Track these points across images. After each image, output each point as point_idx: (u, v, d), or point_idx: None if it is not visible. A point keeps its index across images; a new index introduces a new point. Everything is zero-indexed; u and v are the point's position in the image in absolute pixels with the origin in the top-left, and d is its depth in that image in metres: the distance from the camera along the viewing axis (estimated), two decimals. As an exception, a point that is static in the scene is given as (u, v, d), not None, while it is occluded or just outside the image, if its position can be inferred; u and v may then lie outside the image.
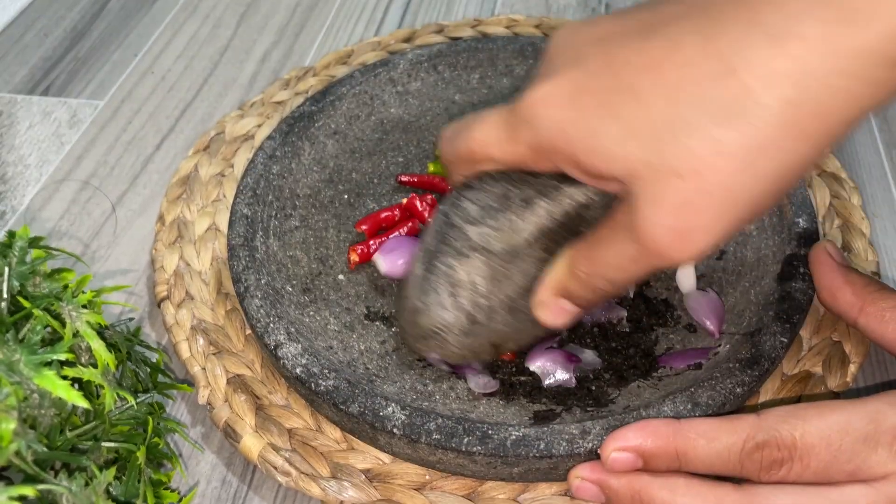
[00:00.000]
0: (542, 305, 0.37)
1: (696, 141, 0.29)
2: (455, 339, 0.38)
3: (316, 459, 0.38)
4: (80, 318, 0.34)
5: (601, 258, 0.33)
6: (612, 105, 0.31)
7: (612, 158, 0.31)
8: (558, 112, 0.32)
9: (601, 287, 0.34)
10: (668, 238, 0.30)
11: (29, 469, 0.30)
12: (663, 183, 0.30)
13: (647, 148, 0.30)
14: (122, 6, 0.71)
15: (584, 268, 0.34)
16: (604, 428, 0.35)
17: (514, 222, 0.36)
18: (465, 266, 0.36)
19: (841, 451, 0.32)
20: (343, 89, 0.53)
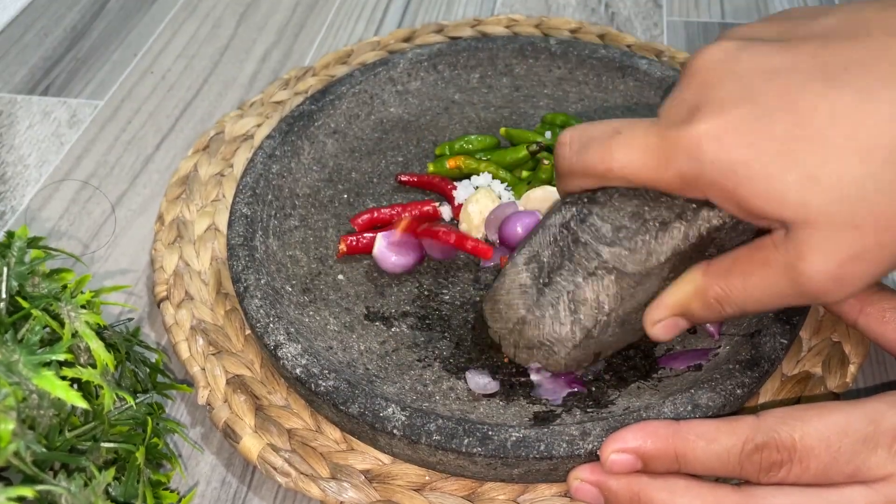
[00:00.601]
0: (659, 324, 0.36)
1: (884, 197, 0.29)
2: (565, 352, 0.37)
3: (315, 460, 0.38)
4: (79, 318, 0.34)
5: (742, 288, 0.33)
6: (795, 152, 0.30)
7: (786, 203, 0.30)
8: (731, 152, 0.31)
9: (729, 313, 0.34)
10: (829, 285, 0.31)
11: (28, 469, 0.29)
12: (839, 234, 0.30)
13: (830, 199, 0.30)
14: (122, 6, 0.71)
15: (717, 293, 0.34)
16: (604, 429, 0.35)
17: (649, 245, 0.35)
18: (594, 286, 0.36)
19: (840, 452, 0.32)
20: (343, 89, 0.53)
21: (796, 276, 0.31)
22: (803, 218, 0.30)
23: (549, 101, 0.56)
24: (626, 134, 0.34)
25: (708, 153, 0.31)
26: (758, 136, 0.31)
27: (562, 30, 0.62)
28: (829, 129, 0.30)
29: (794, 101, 0.30)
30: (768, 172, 0.31)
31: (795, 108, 0.30)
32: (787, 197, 0.30)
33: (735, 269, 0.33)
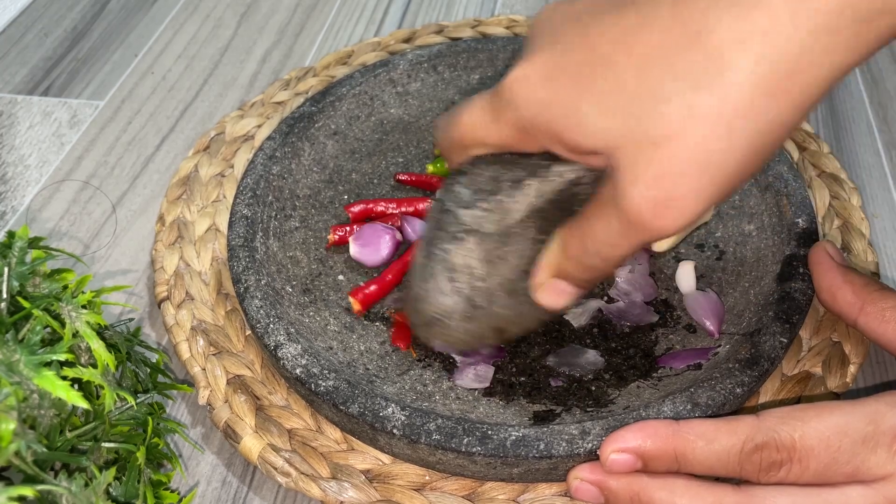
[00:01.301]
0: (540, 288, 0.36)
1: (670, 108, 0.29)
2: (457, 325, 0.38)
3: (316, 460, 0.38)
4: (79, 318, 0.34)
5: (591, 236, 0.33)
6: (587, 80, 0.31)
7: (591, 133, 0.31)
8: (536, 91, 0.32)
9: (595, 265, 0.34)
10: (651, 209, 0.30)
11: (29, 469, 0.30)
12: (641, 153, 0.30)
13: (623, 120, 0.30)
14: (123, 6, 0.71)
15: (575, 247, 0.34)
16: (603, 428, 0.35)
17: (504, 203, 0.36)
18: (461, 250, 0.36)
19: (840, 452, 0.32)
20: (343, 90, 0.53)
21: (621, 208, 0.31)
22: (610, 144, 0.30)
23: (549, 101, 0.56)
24: (471, 99, 0.36)
25: (520, 95, 0.32)
26: (557, 72, 0.31)
27: (562, 30, 0.62)
28: (612, 50, 0.30)
29: (587, 33, 0.31)
30: (570, 104, 0.31)
31: (588, 39, 0.31)
32: (591, 126, 0.31)
33: (583, 218, 0.33)
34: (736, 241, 0.46)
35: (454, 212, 0.37)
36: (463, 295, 0.37)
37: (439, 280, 0.37)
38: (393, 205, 0.48)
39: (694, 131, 0.29)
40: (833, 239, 0.47)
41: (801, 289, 0.41)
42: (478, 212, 0.36)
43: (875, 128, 0.57)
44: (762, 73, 0.28)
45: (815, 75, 0.28)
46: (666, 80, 0.29)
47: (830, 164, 0.52)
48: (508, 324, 0.38)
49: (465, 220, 0.36)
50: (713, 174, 0.29)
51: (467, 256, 0.36)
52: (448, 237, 0.37)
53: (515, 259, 0.37)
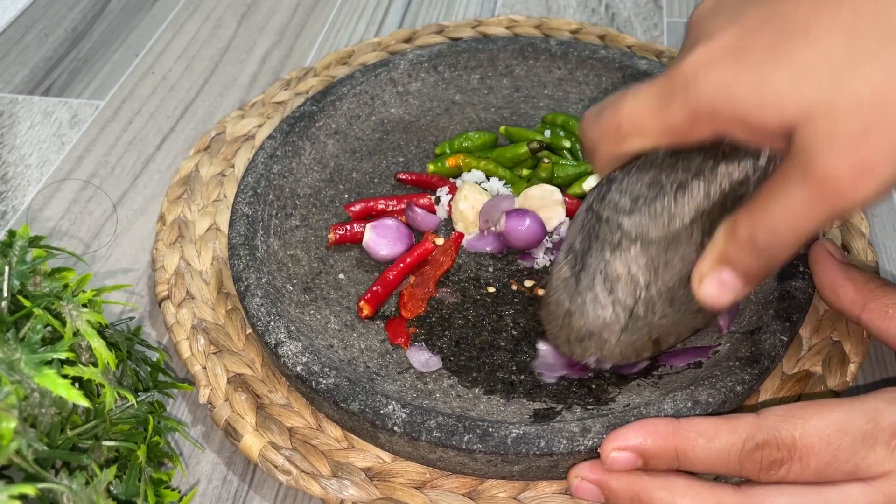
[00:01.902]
0: (702, 279, 0.34)
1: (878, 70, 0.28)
2: (615, 337, 0.36)
3: (316, 458, 0.38)
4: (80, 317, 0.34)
5: (767, 213, 0.31)
6: (780, 52, 0.29)
7: (783, 103, 0.29)
8: (721, 72, 0.30)
9: (767, 247, 0.32)
10: (849, 174, 0.28)
11: (29, 468, 0.30)
12: (841, 117, 0.28)
13: (823, 85, 0.28)
14: (123, 6, 0.71)
15: (746, 227, 0.32)
16: (604, 426, 0.35)
17: (669, 208, 0.34)
18: (622, 258, 0.35)
19: (840, 450, 0.32)
20: (343, 89, 0.53)
21: (812, 174, 0.29)
22: (805, 112, 0.29)
23: (550, 101, 0.56)
24: (632, 90, 0.34)
25: (701, 80, 0.31)
26: (745, 51, 0.30)
27: (562, 31, 0.62)
28: (812, 19, 0.29)
29: (777, 7, 0.30)
30: (759, 79, 0.30)
31: (778, 12, 0.30)
32: (784, 95, 0.29)
33: (758, 200, 0.31)
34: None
35: (613, 219, 0.35)
36: (623, 305, 0.35)
37: (597, 292, 0.36)
38: (393, 202, 0.48)
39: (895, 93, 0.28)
40: (833, 238, 0.47)
41: (802, 287, 0.41)
42: (641, 218, 0.34)
43: (875, 127, 0.57)
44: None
45: None
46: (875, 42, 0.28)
47: (830, 163, 0.52)
48: (666, 334, 0.37)
49: (626, 228, 0.35)
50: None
51: (631, 264, 0.35)
52: (608, 247, 0.35)
53: (679, 265, 0.35)
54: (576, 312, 0.36)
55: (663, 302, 0.36)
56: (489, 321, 0.44)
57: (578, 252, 0.36)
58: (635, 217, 0.34)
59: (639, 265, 0.35)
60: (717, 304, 0.34)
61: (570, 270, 0.37)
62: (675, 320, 0.37)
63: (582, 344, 0.37)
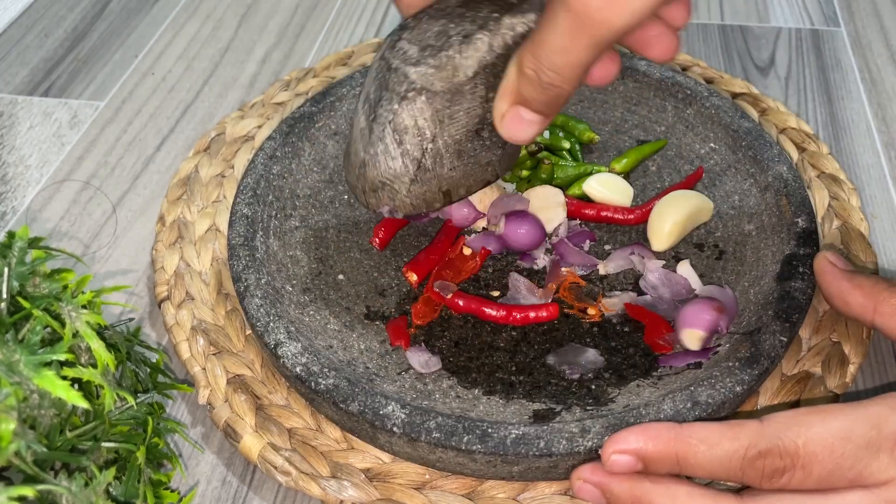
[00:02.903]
0: (502, 117, 0.35)
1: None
2: (405, 188, 0.37)
3: (316, 459, 0.38)
4: (79, 318, 0.34)
5: (543, 46, 0.32)
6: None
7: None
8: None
9: (551, 80, 0.33)
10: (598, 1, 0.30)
11: (29, 469, 0.30)
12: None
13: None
14: (123, 7, 0.71)
15: (530, 63, 0.33)
16: (603, 427, 0.35)
17: (454, 59, 0.35)
18: (409, 109, 0.35)
19: (843, 457, 0.32)
20: (343, 90, 0.53)
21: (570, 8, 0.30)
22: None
23: (549, 101, 0.56)
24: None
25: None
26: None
27: (562, 31, 0.62)
28: None
29: None
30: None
31: None
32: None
33: (535, 37, 0.33)
34: (736, 240, 0.46)
35: (401, 69, 0.35)
36: (412, 157, 0.36)
37: (387, 143, 0.36)
38: None
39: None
40: (832, 239, 0.47)
41: (801, 288, 0.41)
42: (426, 69, 0.35)
43: (874, 128, 0.57)
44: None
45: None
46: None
47: (830, 164, 0.52)
48: (456, 186, 0.38)
49: (412, 79, 0.35)
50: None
51: (417, 116, 0.35)
52: (396, 97, 0.35)
53: (464, 117, 0.35)
54: (369, 163, 0.37)
55: (451, 154, 0.36)
56: (489, 322, 0.44)
57: (372, 101, 0.36)
58: (421, 67, 0.35)
59: (424, 117, 0.35)
60: (522, 138, 0.36)
61: (365, 120, 0.37)
62: (464, 173, 0.37)
63: (376, 194, 0.38)
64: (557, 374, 0.41)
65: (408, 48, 0.35)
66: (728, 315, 0.42)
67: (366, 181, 0.37)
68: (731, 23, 0.67)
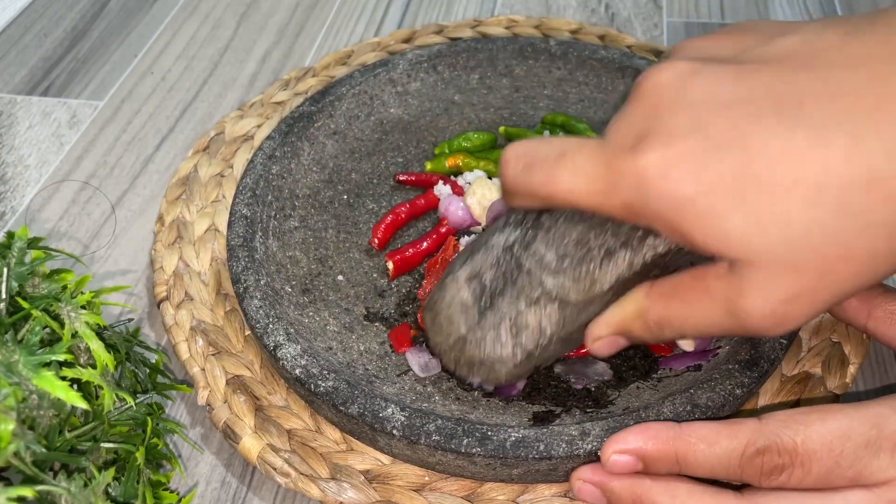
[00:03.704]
0: (598, 340, 0.36)
1: (831, 246, 0.29)
2: (505, 370, 0.37)
3: (315, 460, 0.38)
4: (78, 318, 0.34)
5: (681, 314, 0.33)
6: (742, 192, 0.29)
7: (729, 243, 0.30)
8: (677, 187, 0.30)
9: (667, 336, 0.34)
10: (766, 322, 0.31)
11: (28, 470, 0.30)
12: (780, 276, 0.30)
13: (773, 241, 0.29)
14: (122, 6, 0.71)
15: (658, 316, 0.34)
16: (603, 429, 0.35)
17: (593, 274, 0.34)
18: (537, 314, 0.35)
19: (843, 456, 0.32)
20: (343, 90, 0.53)
21: (735, 310, 0.31)
22: (746, 257, 0.30)
23: (549, 102, 0.56)
24: (570, 157, 0.33)
25: (653, 186, 0.30)
26: (705, 172, 0.29)
27: (562, 31, 0.62)
28: (779, 169, 0.29)
29: (745, 136, 0.29)
30: (714, 210, 0.30)
31: (745, 143, 0.29)
32: (731, 236, 0.30)
33: (677, 294, 0.33)
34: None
35: (537, 275, 0.35)
36: (524, 349, 0.36)
37: (501, 333, 0.36)
38: (405, 207, 0.49)
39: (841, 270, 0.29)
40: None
41: (801, 289, 0.41)
42: (564, 281, 0.35)
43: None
44: None
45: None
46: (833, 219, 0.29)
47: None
48: (547, 362, 0.38)
49: (549, 288, 0.35)
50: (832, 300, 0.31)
51: (544, 321, 0.35)
52: (525, 299, 0.35)
53: (585, 319, 0.36)
54: (472, 342, 0.37)
55: (559, 344, 0.37)
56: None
57: (488, 288, 0.36)
58: (559, 278, 0.35)
59: (550, 321, 0.36)
60: (602, 356, 0.38)
61: (472, 299, 0.37)
62: (559, 353, 0.38)
63: (472, 368, 0.38)
64: (557, 377, 0.41)
65: (544, 253, 0.35)
66: None
67: (463, 355, 0.37)
68: (731, 21, 0.67)
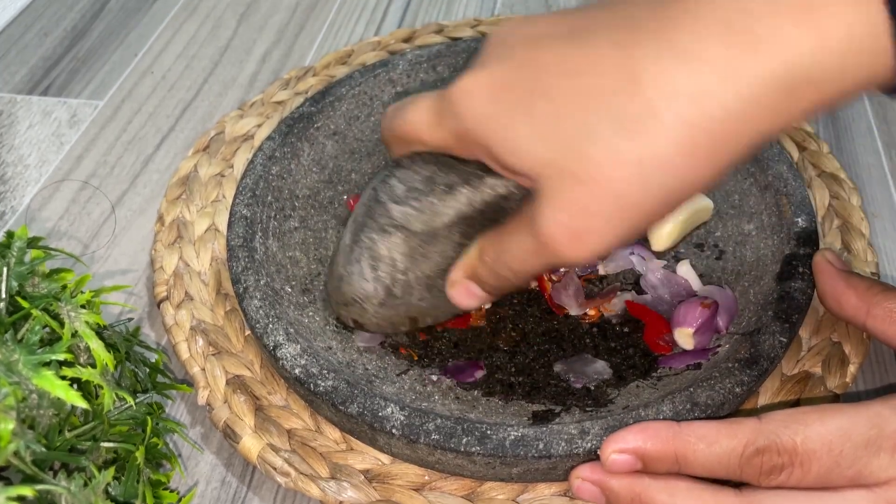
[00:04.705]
0: (453, 284, 0.39)
1: (597, 150, 0.30)
2: (373, 309, 0.39)
3: (315, 460, 0.38)
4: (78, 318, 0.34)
5: (505, 248, 0.35)
6: (528, 105, 0.32)
7: (521, 155, 0.32)
8: (479, 105, 0.33)
9: (504, 275, 0.36)
10: (563, 237, 0.32)
11: (28, 469, 0.30)
12: (564, 185, 0.31)
13: (553, 150, 0.31)
14: (122, 6, 0.71)
15: (490, 255, 0.36)
16: (603, 428, 0.35)
17: (435, 205, 0.37)
18: (386, 242, 0.38)
19: (842, 456, 0.32)
20: (343, 90, 0.53)
21: (536, 229, 0.33)
22: (537, 170, 0.32)
23: (549, 101, 0.56)
24: (419, 97, 0.37)
25: (463, 107, 0.33)
26: (502, 91, 0.32)
27: (561, 30, 0.62)
28: (556, 81, 0.31)
29: (539, 58, 0.32)
30: (507, 124, 0.32)
31: (538, 64, 0.32)
32: (522, 149, 0.32)
33: (505, 230, 0.35)
34: (735, 240, 0.46)
35: (385, 204, 0.38)
36: (382, 283, 0.39)
37: (363, 266, 0.39)
38: None
39: (613, 174, 0.30)
40: (833, 239, 0.47)
41: (801, 288, 0.41)
42: (408, 209, 0.38)
43: (875, 127, 0.57)
44: (685, 132, 0.29)
45: (736, 141, 0.29)
46: (599, 120, 0.30)
47: (830, 163, 0.52)
48: (423, 314, 0.40)
49: (394, 215, 0.38)
50: (625, 216, 0.31)
51: (392, 249, 0.38)
52: (377, 227, 0.38)
53: (437, 258, 0.38)
54: (345, 279, 0.40)
55: (421, 287, 0.39)
56: (488, 323, 0.44)
57: (358, 224, 0.39)
58: (404, 207, 0.38)
59: (399, 252, 0.38)
60: (464, 306, 0.39)
61: (350, 239, 0.40)
62: (432, 304, 0.40)
63: (346, 308, 0.40)
64: (557, 376, 0.41)
65: (396, 185, 0.38)
66: (727, 315, 0.42)
67: (340, 294, 0.40)
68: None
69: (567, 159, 0.31)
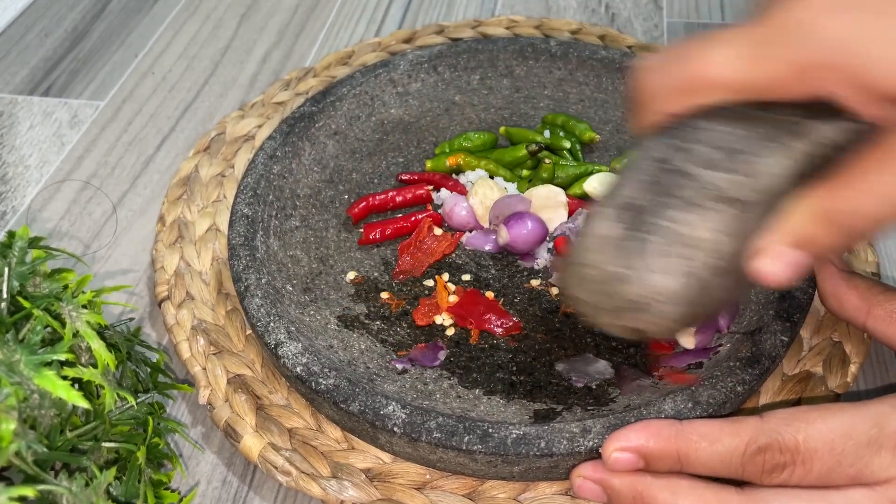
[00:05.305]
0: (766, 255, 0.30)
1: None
2: (674, 311, 0.31)
3: (316, 459, 0.38)
4: (80, 318, 0.34)
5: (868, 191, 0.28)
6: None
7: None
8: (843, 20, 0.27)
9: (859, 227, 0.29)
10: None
11: (29, 469, 0.30)
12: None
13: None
14: (123, 7, 0.71)
15: (845, 204, 0.29)
16: (604, 426, 0.35)
17: (758, 165, 0.29)
18: (705, 221, 0.30)
19: (844, 454, 0.32)
20: (343, 90, 0.53)
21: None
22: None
23: (550, 102, 0.56)
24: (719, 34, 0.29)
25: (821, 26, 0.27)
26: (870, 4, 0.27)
27: (562, 31, 0.62)
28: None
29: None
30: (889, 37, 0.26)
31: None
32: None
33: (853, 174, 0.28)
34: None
35: (694, 174, 0.30)
36: (694, 276, 0.30)
37: (659, 257, 0.30)
38: (392, 194, 0.49)
39: None
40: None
41: (802, 287, 0.41)
42: (732, 176, 0.29)
43: (875, 127, 0.57)
44: None
45: None
46: None
47: (831, 163, 0.52)
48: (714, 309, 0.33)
49: (717, 184, 0.30)
50: None
51: (714, 230, 0.30)
52: (682, 204, 0.30)
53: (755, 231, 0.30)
54: (627, 279, 0.31)
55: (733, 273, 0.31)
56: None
57: (646, 210, 0.31)
58: (726, 175, 0.30)
59: (725, 231, 0.30)
60: (776, 282, 0.31)
61: (621, 230, 0.31)
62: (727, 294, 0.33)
63: (633, 315, 0.32)
64: (558, 375, 0.41)
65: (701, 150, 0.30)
66: (729, 314, 0.42)
67: (620, 299, 0.32)
68: (731, 22, 0.67)
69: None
